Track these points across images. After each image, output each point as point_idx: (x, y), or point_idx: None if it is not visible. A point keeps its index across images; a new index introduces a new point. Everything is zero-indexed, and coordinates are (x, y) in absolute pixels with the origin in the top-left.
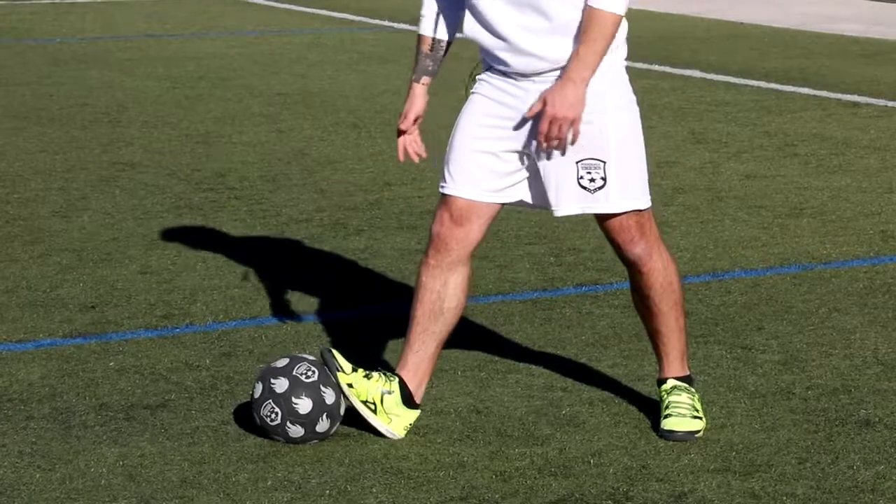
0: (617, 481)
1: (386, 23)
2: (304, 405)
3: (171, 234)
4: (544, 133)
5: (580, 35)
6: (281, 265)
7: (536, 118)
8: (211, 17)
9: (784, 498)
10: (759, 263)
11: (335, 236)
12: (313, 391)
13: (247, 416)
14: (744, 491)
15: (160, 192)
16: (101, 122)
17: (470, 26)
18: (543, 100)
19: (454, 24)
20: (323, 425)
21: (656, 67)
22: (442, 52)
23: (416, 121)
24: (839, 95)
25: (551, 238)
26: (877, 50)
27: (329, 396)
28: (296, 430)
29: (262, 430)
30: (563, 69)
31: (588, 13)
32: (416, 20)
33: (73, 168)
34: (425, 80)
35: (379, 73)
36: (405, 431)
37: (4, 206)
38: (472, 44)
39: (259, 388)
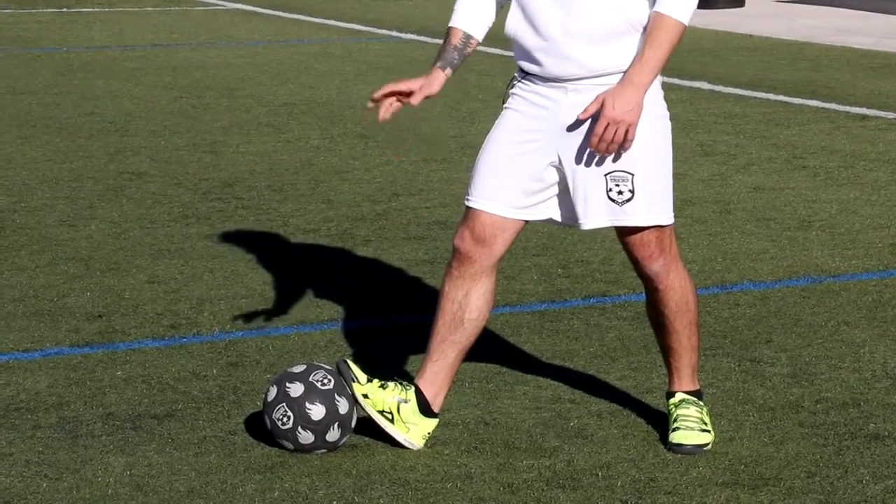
0: (625, 494)
1: (394, 33)
2: (316, 411)
3: (178, 244)
4: (599, 135)
5: (646, 40)
6: (288, 275)
7: (571, 130)
8: (218, 27)
9: None
10: (768, 276)
11: (342, 246)
12: (327, 399)
13: (254, 427)
14: None
15: (167, 202)
16: (108, 131)
17: (514, 23)
18: (601, 102)
19: (486, 24)
20: (333, 434)
21: (664, 79)
22: (470, 50)
23: (422, 100)
24: (848, 108)
25: (559, 250)
26: (885, 63)
27: (342, 406)
28: (306, 436)
29: (271, 435)
30: (623, 73)
31: (655, 19)
32: (423, 30)
33: (80, 177)
34: (448, 71)
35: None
36: (424, 441)
37: (11, 215)
38: (510, 41)
39: (273, 391)
